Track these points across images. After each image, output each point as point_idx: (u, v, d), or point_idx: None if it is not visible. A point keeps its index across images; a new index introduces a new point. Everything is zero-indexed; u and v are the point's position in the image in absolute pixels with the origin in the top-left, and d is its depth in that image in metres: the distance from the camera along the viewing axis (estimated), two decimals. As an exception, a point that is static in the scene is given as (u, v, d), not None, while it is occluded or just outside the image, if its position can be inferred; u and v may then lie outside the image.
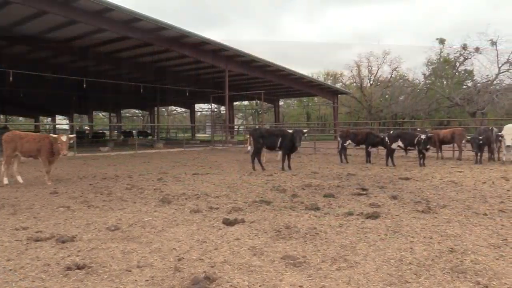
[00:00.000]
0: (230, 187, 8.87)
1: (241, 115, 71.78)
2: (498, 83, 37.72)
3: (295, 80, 35.11)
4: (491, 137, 14.74)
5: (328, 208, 6.52)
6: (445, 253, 4.24)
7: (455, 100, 37.98)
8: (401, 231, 5.10)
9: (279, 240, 4.78)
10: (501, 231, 5.10)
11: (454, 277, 3.63)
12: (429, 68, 44.70)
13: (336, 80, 56.02)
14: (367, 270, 3.80)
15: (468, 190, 8.33)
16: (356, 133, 15.81)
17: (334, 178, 10.37)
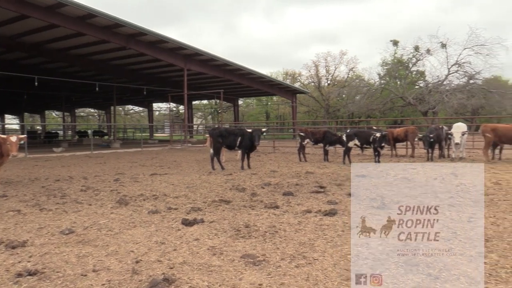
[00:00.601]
0: (189, 187, 8.79)
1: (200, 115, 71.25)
2: (447, 84, 39.43)
3: (254, 80, 35.26)
4: (442, 135, 15.39)
5: (287, 206, 6.59)
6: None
7: (408, 100, 39.39)
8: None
9: (239, 239, 4.79)
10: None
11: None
12: (383, 69, 46.14)
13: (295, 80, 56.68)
14: (325, 266, 3.88)
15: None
16: (314, 132, 16.07)
17: (293, 177, 10.50)
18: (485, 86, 37.64)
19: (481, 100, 36.63)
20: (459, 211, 6.12)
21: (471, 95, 36.36)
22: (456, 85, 38.85)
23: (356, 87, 46.06)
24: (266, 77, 36.89)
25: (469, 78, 38.54)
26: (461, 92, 36.34)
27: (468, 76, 38.61)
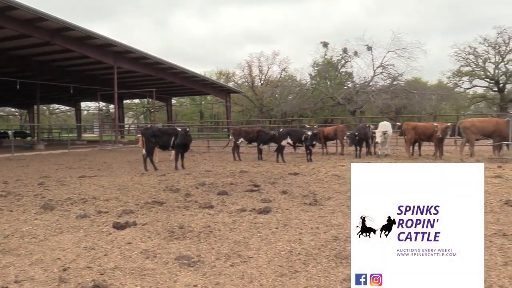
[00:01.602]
0: (120, 189, 8.50)
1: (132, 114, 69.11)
2: (373, 85, 41.54)
3: (188, 79, 34.85)
4: (368, 133, 16.20)
5: (221, 206, 6.59)
6: (330, 242, 4.56)
7: (337, 100, 40.96)
8: (290, 224, 5.36)
9: (173, 240, 4.72)
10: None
11: (338, 263, 3.93)
12: (314, 70, 47.58)
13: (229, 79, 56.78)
14: (260, 263, 3.93)
15: (349, 182, 8.99)
16: (248, 131, 16.21)
17: (227, 176, 10.52)
18: (407, 87, 40.09)
19: (404, 100, 38.99)
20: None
21: (394, 96, 38.57)
22: (381, 86, 41.04)
23: (289, 87, 47.10)
24: (200, 76, 36.58)
25: (392, 80, 40.86)
26: (386, 93, 38.44)
27: (392, 78, 40.94)
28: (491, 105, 46.48)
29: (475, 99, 48.19)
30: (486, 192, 7.38)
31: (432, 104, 40.49)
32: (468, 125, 13.89)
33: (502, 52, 41.86)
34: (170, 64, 30.74)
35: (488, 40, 41.80)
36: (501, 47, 41.68)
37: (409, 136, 15.37)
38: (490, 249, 4.23)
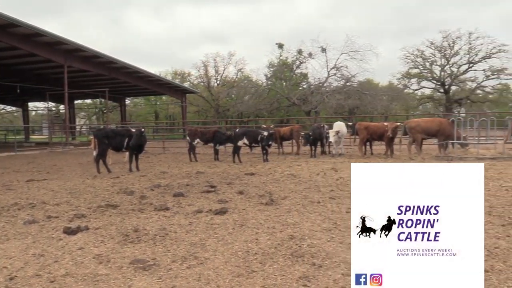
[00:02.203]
0: (71, 193, 8.20)
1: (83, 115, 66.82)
2: (327, 85, 42.41)
3: (142, 78, 34.15)
4: (323, 133, 16.54)
5: (177, 208, 6.52)
6: (286, 240, 4.62)
7: (292, 100, 41.50)
8: (247, 224, 5.39)
9: (127, 244, 4.61)
10: (331, 216, 5.77)
11: (294, 261, 3.99)
12: (270, 70, 47.93)
13: (184, 79, 56.13)
14: (217, 264, 3.92)
15: (304, 181, 9.21)
16: (204, 131, 16.11)
17: (183, 177, 10.41)
18: (359, 88, 41.26)
19: (356, 101, 40.12)
20: (339, 203, 6.66)
21: (348, 96, 39.59)
22: (335, 87, 41.98)
23: (245, 88, 47.24)
24: (155, 76, 35.93)
25: (346, 81, 41.89)
26: (339, 93, 39.38)
27: (345, 79, 41.98)
28: (437, 105, 48.72)
29: (423, 100, 50.39)
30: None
31: (383, 104, 41.91)
32: (414, 125, 14.49)
33: (447, 55, 44.07)
34: (124, 64, 29.99)
35: (435, 44, 43.92)
36: (446, 51, 43.88)
37: (361, 136, 15.86)
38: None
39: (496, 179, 8.85)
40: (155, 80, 36.02)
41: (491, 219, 5.38)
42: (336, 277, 3.57)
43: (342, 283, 3.42)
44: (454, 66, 44.27)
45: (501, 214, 5.64)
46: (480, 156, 13.76)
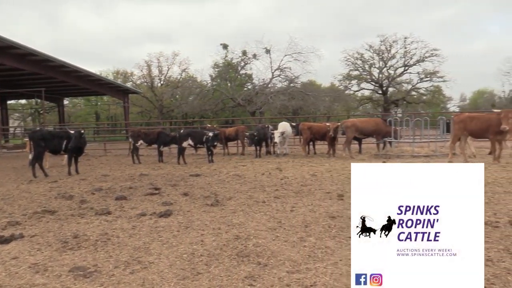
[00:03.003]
0: (4, 199, 7.71)
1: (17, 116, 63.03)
2: (272, 86, 42.86)
3: (82, 78, 32.72)
4: (267, 133, 16.75)
5: (120, 211, 6.33)
6: (232, 241, 4.62)
7: (237, 101, 41.57)
8: (192, 226, 5.34)
9: (66, 251, 4.42)
10: (276, 215, 5.85)
11: (240, 261, 4.00)
12: (215, 71, 47.74)
13: (127, 79, 54.50)
14: (161, 268, 3.85)
15: (250, 181, 9.27)
16: (147, 132, 15.76)
17: (126, 180, 10.12)
18: (302, 89, 42.04)
19: (300, 102, 40.89)
20: (283, 203, 6.77)
21: (291, 97, 40.25)
22: (279, 88, 42.49)
23: (189, 88, 46.68)
24: (95, 75, 34.56)
25: (289, 82, 42.57)
26: (283, 94, 39.92)
27: (289, 80, 42.65)
28: (376, 106, 50.82)
29: (363, 101, 52.34)
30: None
31: (326, 105, 43.09)
32: (350, 124, 15.05)
33: (385, 58, 46.13)
34: (61, 62, 28.58)
35: (373, 47, 45.80)
36: (384, 54, 45.90)
37: (305, 136, 16.26)
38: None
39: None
40: (96, 79, 34.68)
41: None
42: (281, 275, 3.62)
43: (287, 281, 3.48)
44: (391, 68, 46.44)
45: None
46: (415, 154, 14.53)
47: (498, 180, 8.41)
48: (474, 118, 12.14)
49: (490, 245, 4.22)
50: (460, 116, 12.49)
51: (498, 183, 8.07)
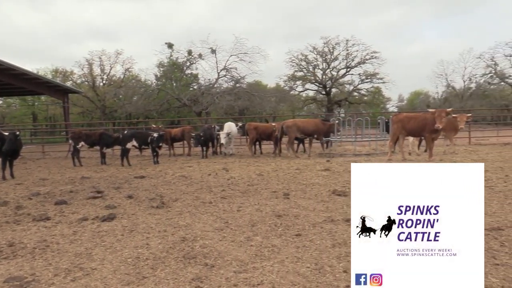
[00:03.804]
0: None
1: None
2: (218, 86, 42.75)
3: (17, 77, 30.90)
4: (213, 134, 16.72)
5: (60, 217, 6.06)
6: (178, 243, 4.57)
7: (183, 101, 41.06)
8: (137, 229, 5.22)
9: (1, 261, 4.17)
10: (223, 216, 5.85)
11: (186, 263, 3.97)
12: (160, 70, 46.86)
13: (66, 78, 52.13)
14: (105, 274, 3.74)
15: (196, 182, 9.20)
16: (89, 134, 15.19)
17: (66, 184, 9.70)
18: (248, 90, 42.30)
19: (246, 102, 41.10)
20: (230, 203, 6.78)
21: (237, 98, 40.35)
22: (225, 88, 42.45)
23: (133, 88, 45.47)
24: (31, 74, 32.75)
25: (235, 82, 42.64)
26: (230, 95, 39.94)
27: (235, 80, 42.73)
28: (320, 106, 52.15)
29: (307, 101, 53.50)
30: (317, 184, 8.29)
31: (272, 105, 43.62)
32: (291, 124, 15.37)
33: (328, 60, 47.43)
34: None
35: (317, 49, 46.93)
36: (327, 56, 47.18)
37: (251, 136, 16.38)
38: (322, 234, 4.76)
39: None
40: (32, 78, 32.88)
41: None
42: (228, 275, 3.63)
43: (234, 281, 3.50)
44: (334, 70, 47.84)
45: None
46: (357, 152, 15.07)
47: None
48: (411, 118, 12.79)
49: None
50: (398, 116, 13.11)
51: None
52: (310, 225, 5.19)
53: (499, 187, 7.36)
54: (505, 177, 8.43)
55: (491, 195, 6.69)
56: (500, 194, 6.75)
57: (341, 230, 4.91)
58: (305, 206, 6.33)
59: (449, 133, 14.34)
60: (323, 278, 3.51)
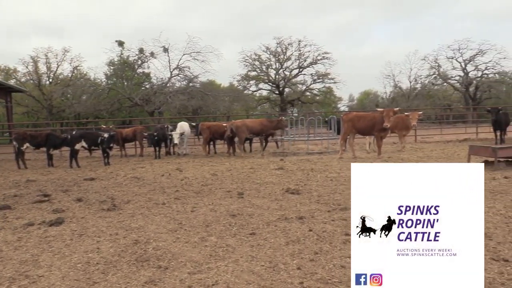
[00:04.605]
0: None
1: None
2: (171, 86, 42.16)
3: (-48, 74, 29.12)
4: (166, 134, 16.50)
5: (3, 222, 5.76)
6: (130, 246, 4.47)
7: (135, 100, 40.17)
8: (87, 233, 5.05)
9: None
10: (177, 217, 5.78)
11: (139, 266, 3.89)
12: (110, 69, 45.56)
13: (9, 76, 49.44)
14: (52, 281, 3.59)
15: (149, 183, 9.03)
16: (34, 135, 14.52)
17: (10, 187, 9.23)
18: (202, 89, 42.03)
19: (200, 101, 40.80)
20: (184, 203, 6.71)
21: (191, 97, 39.98)
22: (178, 87, 41.96)
23: (82, 87, 43.94)
24: (-31, 72, 30.99)
25: (188, 81, 42.23)
26: (183, 94, 39.52)
27: (188, 80, 42.31)
28: (274, 106, 52.67)
29: (261, 101, 53.88)
30: (270, 183, 8.37)
31: (225, 105, 43.56)
32: (240, 125, 15.46)
33: (281, 60, 48.02)
34: None
35: (270, 49, 47.37)
36: (280, 56, 47.75)
37: (205, 136, 16.30)
38: (276, 232, 4.81)
39: (322, 171, 9.98)
40: (-30, 76, 31.07)
41: (319, 207, 6.05)
42: (182, 277, 3.60)
43: (189, 282, 3.47)
44: (287, 70, 48.53)
45: (327, 202, 6.39)
46: (309, 151, 15.36)
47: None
48: (361, 117, 13.20)
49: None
50: (348, 115, 13.49)
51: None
52: (264, 223, 5.24)
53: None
54: (447, 173, 8.88)
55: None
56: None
57: (294, 228, 4.99)
58: (259, 205, 6.37)
59: (401, 132, 14.93)
60: (277, 276, 3.56)
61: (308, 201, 6.51)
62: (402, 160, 11.63)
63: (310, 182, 8.35)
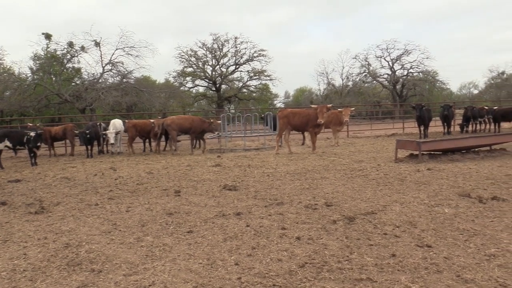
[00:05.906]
0: None
1: None
2: (103, 82, 40.49)
3: None
4: (99, 131, 15.89)
5: None
6: (61, 250, 4.27)
7: (64, 97, 38.16)
8: (12, 239, 4.75)
9: None
10: (111, 217, 5.60)
11: (71, 271, 3.72)
12: (36, 63, 42.88)
13: None
14: (-27, 291, 3.35)
15: (80, 184, 8.65)
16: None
17: None
18: (136, 85, 40.80)
19: (134, 98, 39.57)
20: (118, 203, 6.51)
21: (125, 93, 38.65)
22: (111, 83, 40.41)
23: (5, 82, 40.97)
24: None
25: (122, 77, 40.81)
26: (116, 90, 38.11)
27: (122, 75, 40.88)
28: (210, 102, 52.43)
29: (197, 97, 53.37)
30: (208, 180, 8.35)
31: (161, 102, 42.59)
32: (170, 122, 15.32)
33: (217, 56, 47.80)
34: None
35: (206, 45, 47.02)
36: (216, 52, 47.55)
37: (130, 134, 15.94)
38: (213, 229, 4.81)
39: (259, 167, 10.11)
40: None
41: (256, 202, 6.13)
42: (117, 279, 3.50)
43: (124, 284, 3.38)
44: (224, 66, 48.44)
45: (264, 197, 6.49)
46: (247, 147, 15.48)
47: (316, 168, 9.54)
48: (296, 113, 13.52)
49: (310, 225, 4.78)
50: (283, 112, 13.76)
51: (316, 170, 9.15)
52: (201, 221, 5.22)
53: (372, 175, 8.14)
54: (377, 166, 9.35)
55: (365, 183, 7.38)
56: (373, 182, 7.47)
57: (232, 224, 5.02)
58: (196, 202, 6.34)
59: (335, 127, 15.47)
60: (215, 273, 3.56)
61: (245, 197, 6.57)
62: (335, 155, 12.07)
63: (247, 178, 8.43)
